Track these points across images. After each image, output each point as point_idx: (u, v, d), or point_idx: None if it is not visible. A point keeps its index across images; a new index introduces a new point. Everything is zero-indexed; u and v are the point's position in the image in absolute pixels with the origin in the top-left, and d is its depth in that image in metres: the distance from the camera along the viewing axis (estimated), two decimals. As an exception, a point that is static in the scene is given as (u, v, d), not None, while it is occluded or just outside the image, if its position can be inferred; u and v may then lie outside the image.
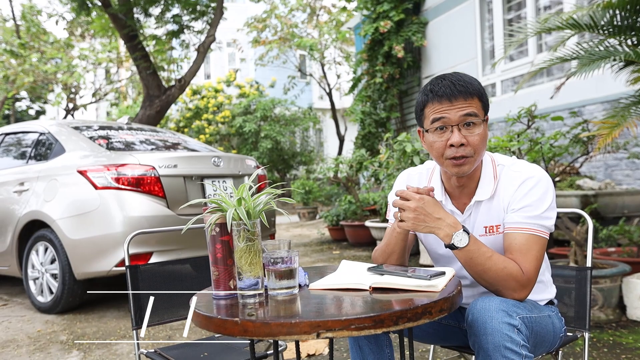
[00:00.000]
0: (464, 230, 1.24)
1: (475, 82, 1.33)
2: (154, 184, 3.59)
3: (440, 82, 1.32)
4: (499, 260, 1.24)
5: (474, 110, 1.30)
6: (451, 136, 1.30)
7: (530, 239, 1.28)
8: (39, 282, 3.87)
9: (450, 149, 1.30)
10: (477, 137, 1.30)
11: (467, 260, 1.25)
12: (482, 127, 1.31)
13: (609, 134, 2.31)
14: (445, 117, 1.30)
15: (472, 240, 1.24)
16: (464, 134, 1.30)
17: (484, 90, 1.36)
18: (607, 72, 3.29)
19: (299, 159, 14.63)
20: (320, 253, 6.06)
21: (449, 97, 1.29)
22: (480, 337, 1.14)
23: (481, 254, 1.24)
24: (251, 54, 16.02)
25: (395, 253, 1.41)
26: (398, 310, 1.01)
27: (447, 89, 1.29)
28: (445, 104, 1.30)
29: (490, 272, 1.24)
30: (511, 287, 1.25)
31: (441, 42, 7.48)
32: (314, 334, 0.97)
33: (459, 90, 1.29)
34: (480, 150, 1.32)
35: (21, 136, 4.51)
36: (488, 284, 1.27)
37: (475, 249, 1.24)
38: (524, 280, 1.25)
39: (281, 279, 1.16)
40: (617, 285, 2.96)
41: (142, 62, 7.20)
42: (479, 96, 1.32)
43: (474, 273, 1.27)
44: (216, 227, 1.19)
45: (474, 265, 1.25)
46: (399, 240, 1.39)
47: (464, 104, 1.29)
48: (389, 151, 4.93)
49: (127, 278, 1.71)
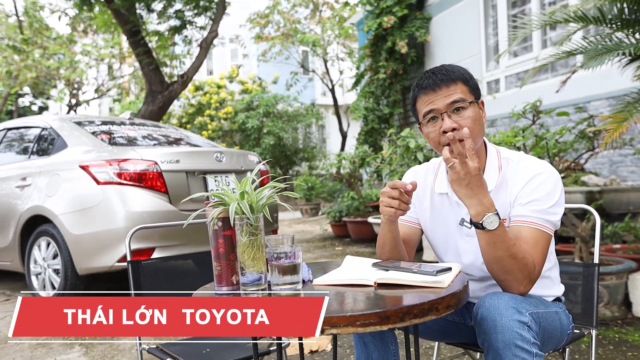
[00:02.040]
0: (495, 213, 1.20)
1: (456, 68, 1.37)
2: (156, 179, 3.58)
3: (424, 75, 1.38)
4: (520, 250, 1.22)
5: (460, 96, 1.32)
6: (442, 123, 1.32)
7: (536, 233, 1.26)
8: (41, 277, 3.86)
9: (444, 135, 1.31)
10: (468, 120, 1.31)
11: (489, 243, 1.21)
12: (472, 110, 1.33)
13: (616, 129, 2.28)
14: (433, 107, 1.33)
15: (501, 224, 1.21)
16: (455, 119, 1.32)
17: (469, 74, 1.38)
18: (612, 68, 3.25)
19: (301, 155, 14.60)
20: (323, 249, 6.04)
21: (432, 87, 1.33)
22: (490, 334, 1.12)
23: (506, 240, 1.21)
24: (254, 50, 15.97)
25: (387, 244, 1.40)
26: (404, 307, 0.99)
27: (429, 79, 1.34)
28: (430, 95, 1.34)
29: (508, 260, 1.21)
30: (521, 278, 1.22)
31: (445, 38, 7.43)
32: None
33: (440, 78, 1.33)
34: (474, 132, 1.31)
35: (23, 131, 4.50)
36: (501, 272, 1.23)
37: (502, 233, 1.21)
38: (535, 273, 1.24)
39: (285, 275, 1.14)
40: (622, 282, 2.93)
41: (144, 58, 7.17)
42: (463, 80, 1.35)
43: (492, 258, 1.23)
44: (218, 222, 1.17)
45: (495, 250, 1.21)
46: (386, 232, 1.39)
47: (447, 91, 1.33)
48: (392, 147, 4.90)
49: (128, 273, 1.70)
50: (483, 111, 1.39)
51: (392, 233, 1.39)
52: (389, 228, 1.38)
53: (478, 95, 1.37)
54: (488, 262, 1.25)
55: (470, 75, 1.38)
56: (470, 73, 1.39)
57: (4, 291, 4.45)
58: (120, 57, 13.79)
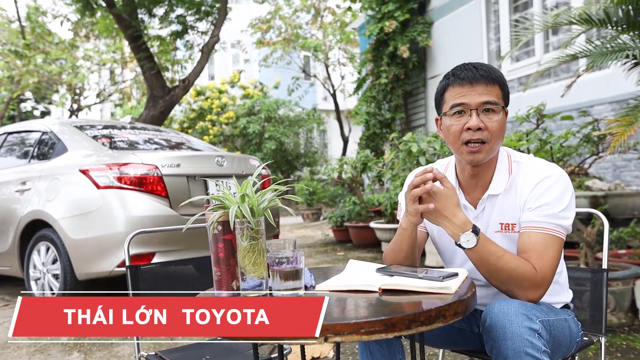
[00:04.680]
0: (473, 230, 1.19)
1: (498, 71, 1.32)
2: (157, 183, 3.55)
3: (463, 66, 1.32)
4: (511, 260, 1.20)
5: (494, 98, 1.28)
6: (469, 120, 1.27)
7: (547, 239, 1.23)
8: (40, 282, 3.83)
9: (467, 132, 1.28)
10: (495, 124, 1.28)
11: (477, 260, 1.22)
12: (501, 115, 1.29)
13: (623, 133, 2.24)
14: (465, 101, 1.28)
15: (481, 240, 1.20)
16: (482, 119, 1.28)
17: (505, 81, 1.34)
18: (615, 72, 3.22)
19: (303, 160, 14.58)
20: (325, 254, 6.00)
21: (470, 81, 1.28)
22: (499, 342, 1.08)
23: (491, 253, 1.20)
24: (255, 55, 16.00)
25: (402, 251, 1.35)
26: (410, 314, 0.96)
27: (470, 72, 1.29)
28: (466, 87, 1.28)
29: (502, 272, 1.20)
30: (524, 287, 1.20)
31: (447, 42, 7.42)
32: (321, 337, 0.92)
33: (481, 74, 1.28)
34: (497, 138, 1.29)
35: (24, 135, 4.48)
36: (500, 284, 1.23)
37: (484, 249, 1.20)
38: (538, 279, 1.20)
39: (286, 280, 1.11)
40: (629, 288, 2.89)
41: (146, 63, 7.17)
42: (500, 84, 1.31)
43: (485, 272, 1.23)
44: (218, 225, 1.14)
45: (485, 265, 1.21)
46: (405, 237, 1.33)
47: (484, 90, 1.28)
48: (394, 151, 4.87)
49: (127, 278, 1.67)
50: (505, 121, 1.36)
51: (412, 240, 1.33)
52: (410, 234, 1.32)
53: (507, 104, 1.34)
54: (485, 277, 1.25)
55: (506, 82, 1.34)
56: (506, 80, 1.35)
57: (3, 297, 4.42)
58: (122, 62, 13.81)
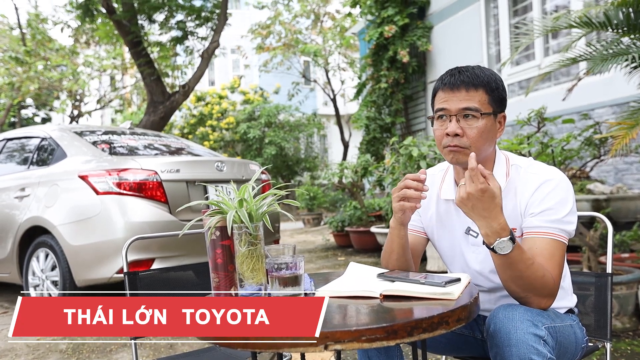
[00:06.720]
0: (510, 238, 1.13)
1: (486, 74, 1.28)
2: (156, 189, 3.53)
3: (450, 71, 1.31)
4: (538, 268, 1.16)
5: (475, 105, 1.25)
6: (449, 125, 1.27)
7: (552, 244, 1.21)
8: (39, 289, 3.80)
9: (447, 137, 1.27)
10: (474, 130, 1.26)
11: (504, 264, 1.16)
12: (482, 121, 1.26)
13: (625, 136, 2.23)
14: (445, 107, 1.28)
15: (515, 247, 1.14)
16: (462, 125, 1.26)
17: (497, 84, 1.29)
18: (616, 76, 3.21)
19: (303, 165, 14.57)
20: (325, 259, 5.97)
21: (451, 87, 1.27)
22: (503, 348, 1.06)
23: (523, 261, 1.14)
24: (255, 61, 16.03)
25: (394, 252, 1.35)
26: (412, 320, 0.94)
27: (453, 77, 1.28)
28: (447, 92, 1.28)
29: (526, 280, 1.15)
30: (542, 294, 1.17)
31: (446, 47, 7.42)
32: (322, 345, 0.90)
33: (461, 80, 1.26)
34: (478, 143, 1.26)
35: (23, 141, 4.47)
36: (518, 290, 1.18)
37: (517, 256, 1.14)
38: (555, 288, 1.18)
39: (285, 286, 1.09)
40: (633, 293, 2.86)
41: (146, 68, 7.18)
42: (487, 89, 1.27)
43: (507, 277, 1.17)
44: (216, 231, 1.12)
45: (511, 271, 1.16)
46: (394, 237, 1.33)
47: (465, 96, 1.26)
48: (395, 156, 4.86)
49: (125, 285, 1.65)
50: (501, 125, 1.32)
51: (402, 240, 1.33)
52: (399, 233, 1.33)
53: (501, 108, 1.30)
54: (504, 281, 1.20)
55: (499, 85, 1.29)
56: (500, 83, 1.30)
57: (2, 304, 4.39)
58: (122, 68, 13.84)
